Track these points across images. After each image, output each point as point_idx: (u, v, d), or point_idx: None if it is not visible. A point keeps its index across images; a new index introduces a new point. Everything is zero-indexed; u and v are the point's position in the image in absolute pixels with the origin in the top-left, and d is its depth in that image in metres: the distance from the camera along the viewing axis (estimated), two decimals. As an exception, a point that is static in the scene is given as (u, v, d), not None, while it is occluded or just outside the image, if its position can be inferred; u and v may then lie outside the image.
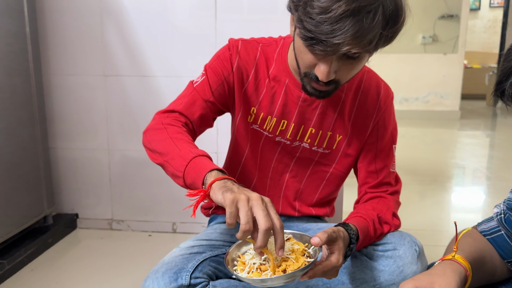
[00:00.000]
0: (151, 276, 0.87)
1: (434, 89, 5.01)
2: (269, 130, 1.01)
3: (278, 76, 0.98)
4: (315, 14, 0.73)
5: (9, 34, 1.45)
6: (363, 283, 0.94)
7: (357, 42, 0.74)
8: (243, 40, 1.00)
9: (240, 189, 0.71)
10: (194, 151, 0.82)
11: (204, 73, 0.99)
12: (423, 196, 2.37)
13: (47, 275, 1.47)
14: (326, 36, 0.74)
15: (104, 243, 1.74)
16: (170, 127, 0.91)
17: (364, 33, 0.73)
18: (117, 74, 1.72)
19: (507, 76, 0.59)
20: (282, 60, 0.98)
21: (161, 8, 1.66)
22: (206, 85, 0.98)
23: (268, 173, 1.06)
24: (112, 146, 1.79)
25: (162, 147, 0.86)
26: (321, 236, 0.75)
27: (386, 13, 0.75)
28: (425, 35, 4.99)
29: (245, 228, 0.67)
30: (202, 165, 0.77)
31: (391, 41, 0.81)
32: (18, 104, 1.52)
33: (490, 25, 6.96)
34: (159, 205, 1.81)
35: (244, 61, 0.98)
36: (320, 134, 1.01)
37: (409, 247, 0.93)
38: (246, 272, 0.73)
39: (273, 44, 1.00)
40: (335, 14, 0.71)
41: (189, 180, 0.78)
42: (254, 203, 0.68)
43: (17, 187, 1.52)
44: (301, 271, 0.71)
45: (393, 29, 0.77)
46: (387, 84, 1.04)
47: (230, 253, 0.79)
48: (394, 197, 1.04)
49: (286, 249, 0.74)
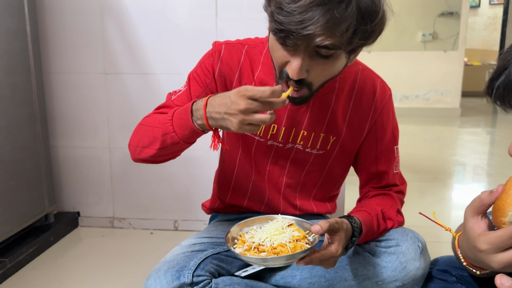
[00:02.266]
0: (153, 274, 0.87)
1: (434, 86, 5.00)
2: (259, 134, 0.99)
3: (265, 79, 0.95)
4: (285, 4, 0.71)
5: (9, 32, 1.44)
6: (366, 279, 0.94)
7: (329, 32, 0.71)
8: (227, 44, 0.97)
9: (219, 114, 0.76)
10: (166, 119, 0.86)
11: (187, 83, 0.99)
12: (424, 193, 2.37)
13: (49, 273, 1.47)
14: (296, 27, 0.71)
15: (106, 241, 1.74)
16: (142, 122, 0.95)
17: (335, 23, 0.70)
18: (117, 72, 1.72)
19: (499, 75, 0.58)
20: (268, 62, 0.95)
21: (161, 5, 1.66)
22: (186, 95, 0.97)
23: (265, 175, 1.05)
24: (113, 144, 1.79)
25: (147, 138, 0.90)
26: (323, 224, 0.75)
27: (361, 5, 0.72)
28: (425, 33, 4.98)
29: (259, 119, 0.74)
30: (182, 119, 0.82)
31: (369, 39, 0.77)
32: (19, 103, 1.51)
33: (490, 22, 6.94)
34: (160, 203, 1.81)
35: (227, 66, 0.96)
36: (312, 136, 0.98)
37: (412, 243, 0.93)
38: (244, 249, 0.75)
39: (259, 46, 0.97)
40: (304, 2, 0.70)
41: (186, 135, 0.84)
42: (236, 118, 0.74)
43: (19, 186, 1.52)
44: (300, 254, 0.72)
45: (370, 25, 0.74)
46: (383, 82, 1.00)
47: (231, 231, 0.81)
48: (399, 195, 1.04)
49: (287, 236, 0.76)
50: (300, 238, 0.76)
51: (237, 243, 0.79)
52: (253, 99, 0.73)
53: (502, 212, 0.57)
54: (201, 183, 1.76)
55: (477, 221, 0.61)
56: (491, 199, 0.60)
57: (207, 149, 1.73)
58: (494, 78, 0.60)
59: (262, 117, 0.74)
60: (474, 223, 0.61)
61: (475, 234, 0.60)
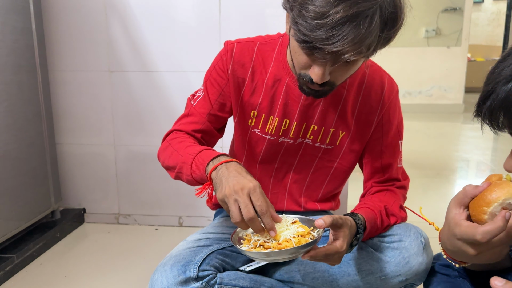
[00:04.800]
0: (160, 269, 0.88)
1: (437, 82, 4.99)
2: (271, 132, 1.00)
3: (278, 75, 0.96)
4: (310, 19, 0.70)
5: (15, 31, 1.46)
6: (369, 274, 0.95)
7: (356, 48, 0.71)
8: (238, 42, 0.99)
9: (226, 181, 0.77)
10: (192, 151, 0.88)
11: (204, 87, 1.01)
12: (428, 189, 2.37)
13: (55, 269, 1.49)
14: (322, 43, 0.71)
15: (111, 237, 1.76)
16: (173, 141, 0.97)
17: (362, 39, 0.71)
18: (122, 70, 1.73)
19: (484, 100, 0.61)
20: (281, 58, 0.96)
21: (165, 3, 1.66)
22: (206, 100, 1.00)
23: (271, 172, 1.06)
24: (118, 141, 1.80)
25: (171, 162, 0.94)
26: (326, 219, 0.76)
27: (384, 15, 0.72)
28: (428, 29, 4.96)
29: (233, 221, 0.76)
30: (201, 161, 0.85)
31: (389, 43, 0.78)
32: (25, 101, 1.53)
33: (494, 18, 6.90)
34: (165, 199, 1.83)
35: (239, 65, 0.97)
36: (322, 131, 1.00)
37: (414, 238, 0.93)
38: (250, 248, 0.77)
39: (271, 43, 0.99)
40: (332, 20, 0.69)
41: (198, 178, 0.87)
42: (235, 198, 0.75)
43: (25, 183, 1.54)
44: (303, 247, 0.73)
45: (391, 31, 0.75)
46: (391, 78, 1.02)
47: (237, 232, 0.83)
48: (401, 191, 1.04)
49: (291, 232, 0.77)
50: (304, 234, 0.77)
51: (243, 242, 0.80)
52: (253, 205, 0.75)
53: (487, 202, 0.63)
54: (205, 180, 1.77)
55: (459, 212, 0.67)
56: (475, 192, 0.66)
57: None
58: (480, 104, 0.62)
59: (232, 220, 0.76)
60: (456, 213, 0.67)
61: (457, 222, 0.66)
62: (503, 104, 0.58)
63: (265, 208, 0.75)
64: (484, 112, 0.61)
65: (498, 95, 0.58)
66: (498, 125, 0.61)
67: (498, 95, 0.58)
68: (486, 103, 0.61)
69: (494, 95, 0.59)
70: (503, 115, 0.59)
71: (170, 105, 1.72)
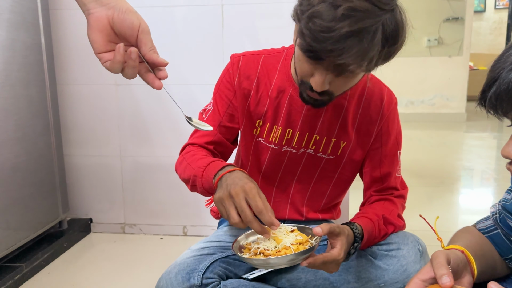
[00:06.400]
0: (165, 276, 0.91)
1: (439, 91, 5.01)
2: (275, 141, 1.03)
3: (282, 86, 1.00)
4: (316, 32, 0.74)
5: (25, 46, 1.51)
6: (368, 281, 0.96)
7: (358, 61, 0.75)
8: (244, 55, 1.03)
9: (225, 185, 0.81)
10: (202, 164, 0.92)
11: (213, 100, 1.05)
12: (431, 198, 2.38)
13: (63, 278, 1.52)
14: (327, 55, 0.75)
15: (117, 247, 1.79)
16: (187, 155, 1.01)
17: (364, 52, 0.75)
18: (128, 83, 1.77)
19: (489, 87, 0.61)
20: (285, 70, 1.00)
21: (169, 17, 1.71)
22: (215, 113, 1.04)
23: (275, 181, 1.08)
24: (124, 152, 1.84)
25: (186, 175, 0.97)
26: (323, 226, 0.79)
27: (387, 32, 0.76)
28: (430, 38, 4.99)
29: (231, 223, 0.79)
30: (209, 173, 0.89)
31: (389, 59, 0.82)
32: (34, 114, 1.57)
33: (495, 26, 6.93)
34: (170, 209, 1.86)
35: (245, 77, 1.01)
36: (324, 141, 1.02)
37: (412, 246, 0.95)
38: (250, 255, 0.79)
39: (275, 56, 1.03)
40: (337, 34, 0.72)
41: (208, 189, 0.90)
42: (232, 201, 0.79)
43: (34, 193, 1.58)
44: (302, 254, 0.76)
45: (392, 47, 0.79)
46: (390, 90, 1.05)
47: (238, 241, 0.86)
48: (399, 200, 1.06)
49: (290, 240, 0.80)
50: (303, 242, 0.80)
51: (243, 251, 0.83)
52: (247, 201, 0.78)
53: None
54: (209, 190, 1.80)
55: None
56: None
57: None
58: (486, 90, 0.63)
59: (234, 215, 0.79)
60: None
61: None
62: (508, 89, 0.58)
63: (261, 207, 0.77)
64: (490, 97, 0.61)
65: (504, 80, 0.58)
66: (503, 110, 0.61)
67: (503, 80, 0.58)
68: (491, 89, 0.61)
69: (500, 80, 0.59)
70: (508, 100, 0.59)
71: (174, 117, 1.76)
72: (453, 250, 0.71)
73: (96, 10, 0.60)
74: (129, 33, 0.62)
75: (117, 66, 0.61)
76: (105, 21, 0.60)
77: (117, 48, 0.60)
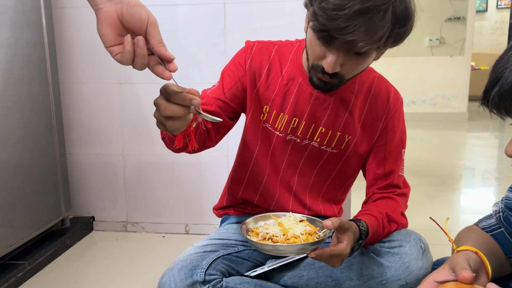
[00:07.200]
0: (168, 273, 0.92)
1: (441, 91, 5.01)
2: (280, 129, 1.04)
3: (292, 74, 1.02)
4: (329, 10, 0.78)
5: (28, 45, 1.51)
6: (370, 279, 0.97)
7: (369, 38, 0.79)
8: (259, 42, 1.06)
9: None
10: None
11: (220, 78, 1.05)
12: (432, 198, 2.38)
13: (65, 276, 1.53)
14: (339, 32, 0.79)
15: (120, 245, 1.79)
16: None
17: (375, 30, 0.78)
18: (131, 82, 1.78)
19: (492, 86, 0.62)
20: (297, 60, 1.02)
21: (172, 17, 1.71)
22: (219, 88, 1.03)
23: (279, 173, 1.09)
24: (126, 151, 1.85)
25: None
26: (334, 220, 0.80)
27: (396, 12, 0.79)
28: (432, 38, 4.99)
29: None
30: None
31: (399, 42, 0.85)
32: (37, 112, 1.58)
33: (497, 26, 6.93)
34: (172, 208, 1.86)
35: (257, 60, 1.03)
36: (329, 134, 1.04)
37: (414, 244, 0.96)
38: (258, 240, 0.79)
39: (288, 46, 1.05)
40: (349, 11, 0.76)
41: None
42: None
43: (36, 192, 1.58)
44: (312, 245, 0.76)
45: (402, 29, 0.82)
46: (397, 90, 1.08)
47: (246, 223, 0.87)
48: (402, 198, 1.07)
49: (300, 229, 0.80)
50: (312, 233, 0.81)
51: (251, 234, 0.83)
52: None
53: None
54: (211, 188, 1.81)
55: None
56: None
57: (217, 155, 1.78)
58: (488, 90, 0.63)
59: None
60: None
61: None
62: (511, 88, 0.58)
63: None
64: (493, 97, 0.62)
65: (507, 80, 0.59)
66: (507, 110, 0.61)
67: (506, 80, 0.59)
68: (494, 89, 0.61)
69: (503, 80, 0.60)
70: (511, 99, 0.59)
71: (177, 116, 1.76)
72: (466, 252, 0.71)
73: (105, 5, 0.61)
74: (138, 27, 0.63)
75: (128, 56, 0.62)
76: (114, 15, 0.62)
77: (125, 39, 0.62)
